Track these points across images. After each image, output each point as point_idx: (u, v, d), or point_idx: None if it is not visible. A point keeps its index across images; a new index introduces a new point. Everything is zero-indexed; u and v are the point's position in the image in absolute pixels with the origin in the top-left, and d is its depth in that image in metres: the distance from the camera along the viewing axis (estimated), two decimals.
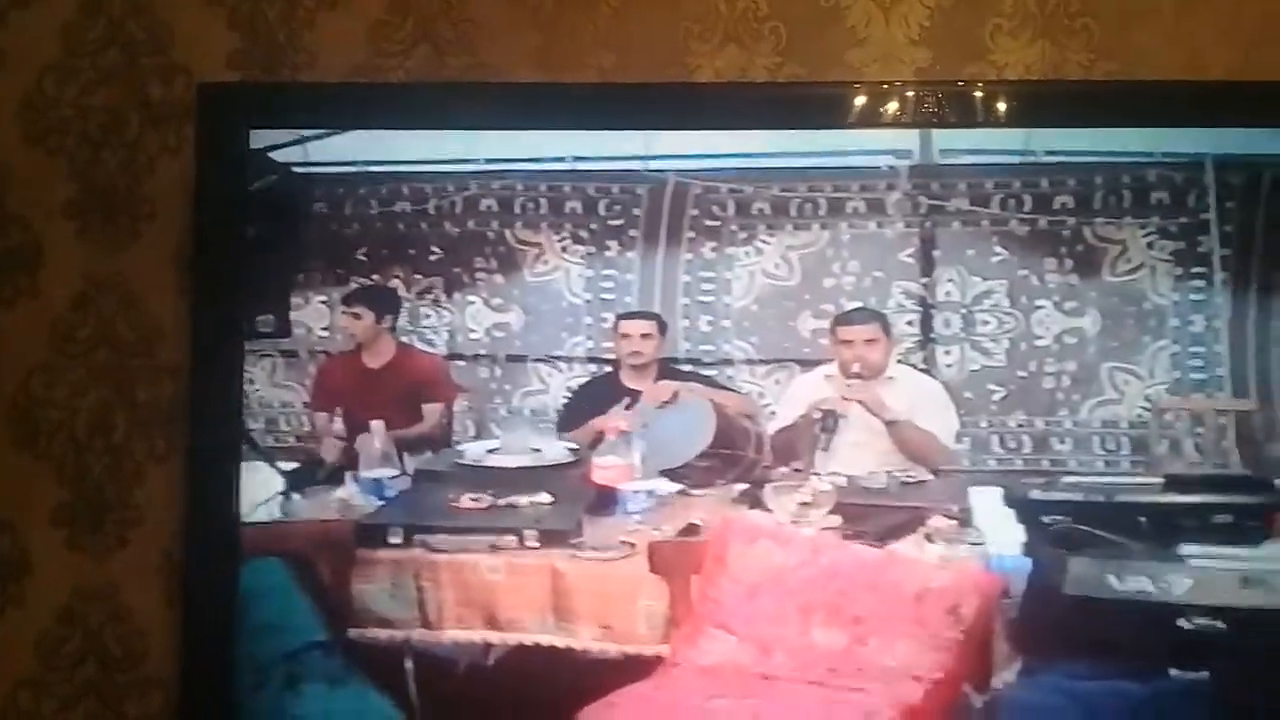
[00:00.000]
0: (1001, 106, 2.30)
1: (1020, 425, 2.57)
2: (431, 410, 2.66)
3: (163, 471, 2.46)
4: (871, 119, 2.31)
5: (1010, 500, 2.46)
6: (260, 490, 2.50)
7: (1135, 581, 2.32)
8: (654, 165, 2.56)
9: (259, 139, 2.37)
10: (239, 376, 2.39)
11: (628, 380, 2.67)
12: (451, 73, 2.44)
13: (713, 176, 2.57)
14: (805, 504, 2.43)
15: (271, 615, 2.41)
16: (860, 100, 2.31)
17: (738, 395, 2.64)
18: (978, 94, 2.30)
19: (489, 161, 2.57)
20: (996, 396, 2.57)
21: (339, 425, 2.59)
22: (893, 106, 2.29)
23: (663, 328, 2.63)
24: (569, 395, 2.68)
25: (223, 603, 2.35)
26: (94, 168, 2.47)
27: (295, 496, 2.51)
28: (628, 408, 2.62)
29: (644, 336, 2.64)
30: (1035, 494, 2.46)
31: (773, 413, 2.62)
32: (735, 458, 2.60)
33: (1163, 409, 2.51)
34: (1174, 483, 2.44)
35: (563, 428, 2.67)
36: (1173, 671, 2.30)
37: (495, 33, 2.43)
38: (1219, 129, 2.38)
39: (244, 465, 2.45)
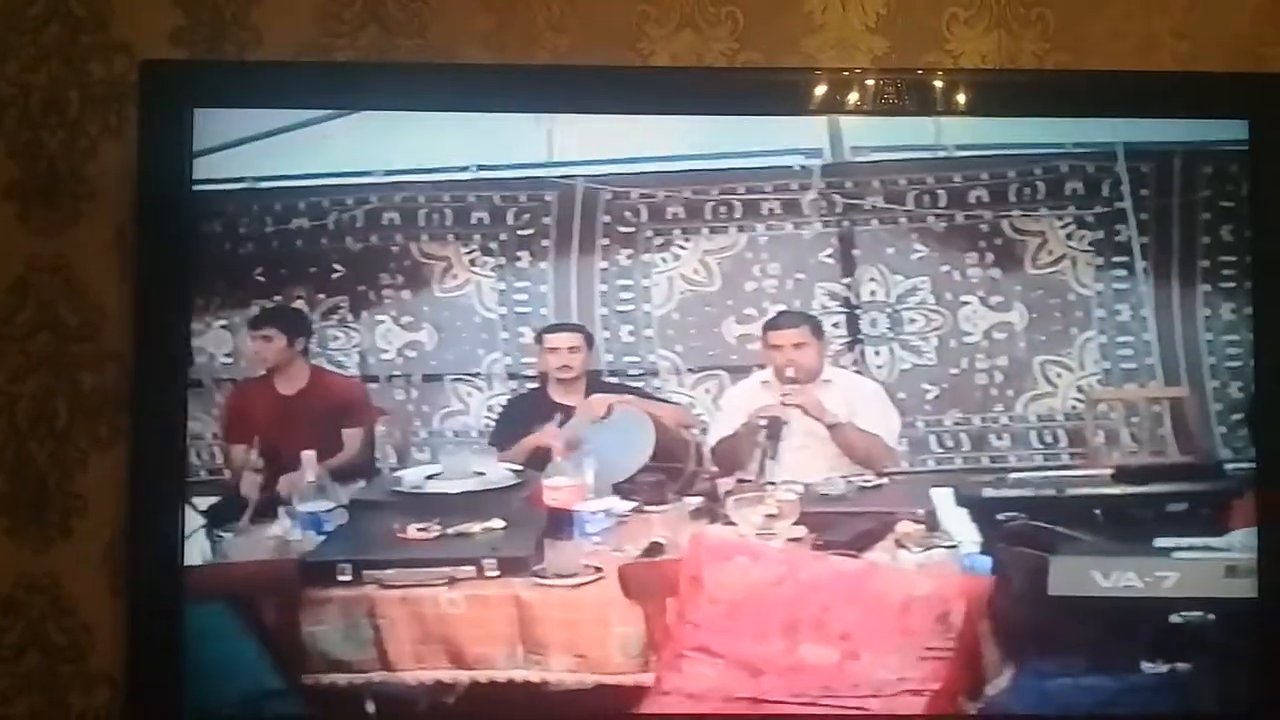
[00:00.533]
0: (959, 96, 2.33)
1: (957, 423, 2.57)
2: (352, 435, 2.56)
3: (107, 459, 2.41)
4: (828, 106, 2.34)
5: (961, 500, 2.45)
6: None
7: (1122, 577, 2.29)
8: (559, 171, 2.50)
9: (206, 120, 2.32)
10: (185, 361, 2.35)
11: (557, 395, 2.60)
12: (402, 54, 2.43)
13: (622, 181, 2.51)
14: (771, 515, 2.39)
15: (218, 662, 2.32)
16: (815, 88, 2.33)
17: (672, 406, 2.60)
18: (938, 83, 2.33)
19: (388, 173, 2.50)
20: (930, 395, 2.55)
21: (255, 456, 2.49)
22: (851, 95, 2.31)
23: (589, 340, 2.58)
24: (497, 413, 2.60)
25: (168, 594, 2.29)
26: (34, 148, 2.42)
27: (226, 535, 2.42)
28: (562, 424, 2.56)
29: (571, 350, 2.58)
30: (987, 492, 2.44)
31: (705, 422, 2.58)
32: (676, 470, 2.56)
33: (1096, 400, 2.51)
34: (1123, 474, 2.43)
35: (495, 447, 2.59)
36: (1145, 665, 2.30)
37: (447, 14, 2.43)
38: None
39: None
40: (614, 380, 2.60)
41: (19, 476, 2.42)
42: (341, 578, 2.35)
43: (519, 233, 2.52)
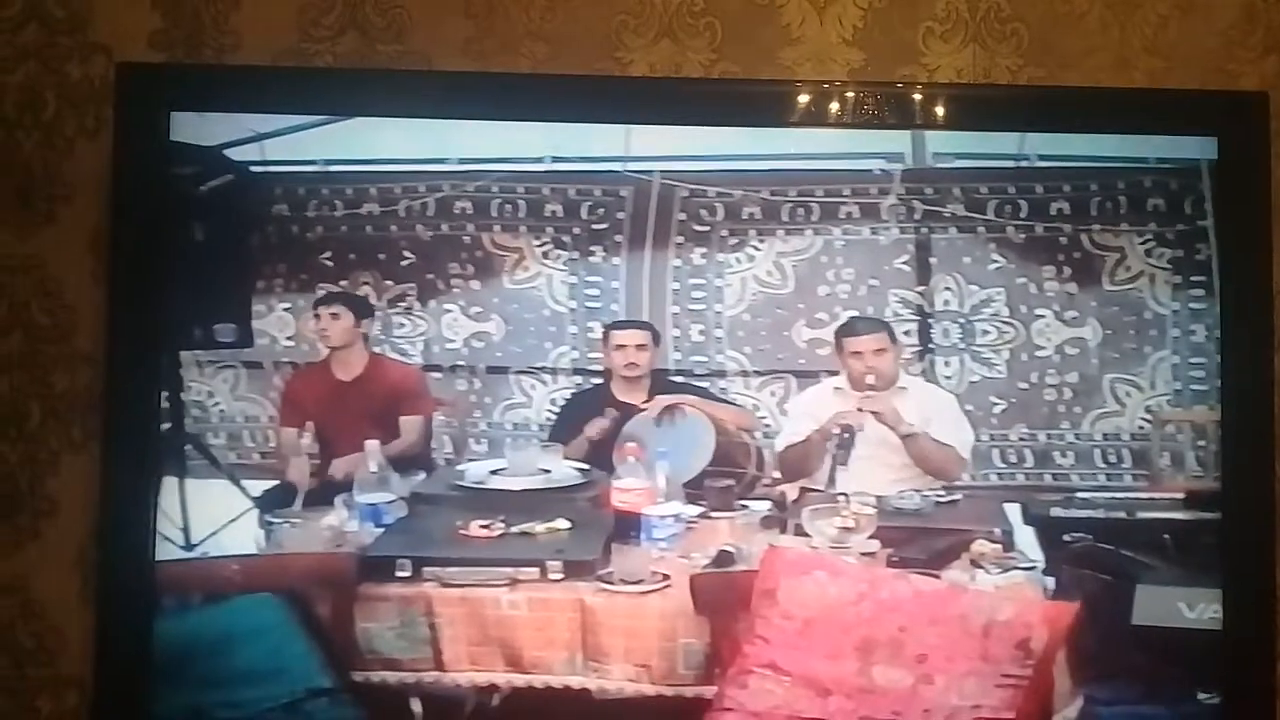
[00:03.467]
0: (938, 110, 2.33)
1: (1022, 438, 2.54)
2: (410, 424, 2.53)
3: (79, 461, 2.38)
4: (809, 118, 2.31)
5: (1029, 517, 2.43)
6: (221, 511, 2.39)
7: (1208, 610, 2.28)
8: (636, 166, 2.48)
9: (183, 124, 2.28)
10: (158, 365, 2.31)
11: (619, 393, 2.58)
12: (381, 59, 2.41)
13: (699, 179, 2.49)
14: (846, 528, 2.36)
15: (262, 659, 2.27)
16: (799, 99, 2.32)
17: (735, 409, 2.57)
18: (925, 96, 2.33)
19: (462, 161, 2.47)
20: (998, 409, 2.53)
21: (308, 441, 2.47)
22: (832, 106, 2.30)
23: (656, 338, 2.55)
24: (557, 408, 2.58)
25: (139, 600, 2.24)
26: (10, 148, 2.39)
27: (282, 524, 2.38)
28: (623, 422, 2.52)
29: (639, 347, 2.55)
30: (1055, 511, 2.43)
31: (768, 426, 2.56)
32: (737, 475, 2.53)
33: (1165, 420, 2.48)
34: (1194, 499, 2.39)
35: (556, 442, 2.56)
36: (1200, 694, 2.28)
37: (426, 21, 2.41)
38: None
39: (201, 483, 2.35)
40: (679, 380, 2.58)
41: None
42: (401, 574, 2.31)
43: (593, 227, 2.50)
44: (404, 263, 2.47)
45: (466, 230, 2.49)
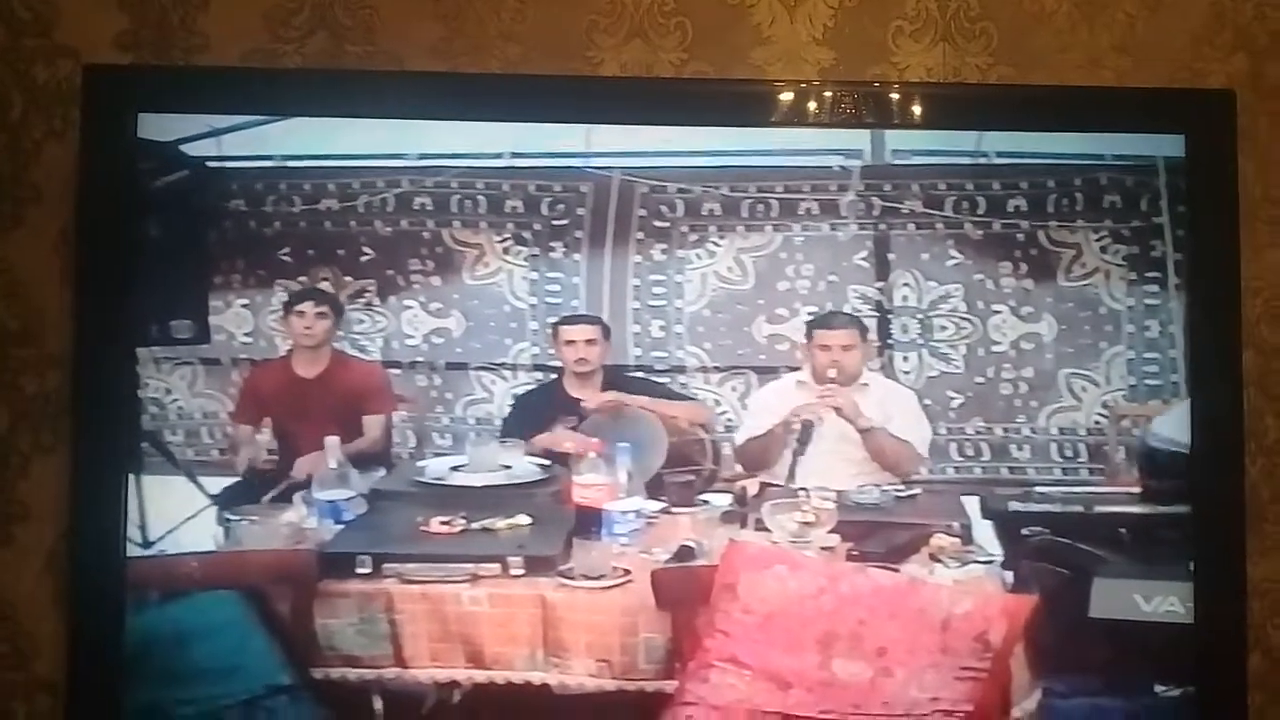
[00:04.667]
0: (912, 109, 2.34)
1: (978, 431, 2.55)
2: (373, 423, 2.52)
3: (49, 465, 2.36)
4: (785, 118, 2.33)
5: (987, 511, 2.44)
6: (178, 508, 2.37)
7: (1164, 603, 2.29)
8: (596, 162, 2.47)
9: (151, 126, 2.28)
10: (127, 367, 2.31)
11: (572, 389, 2.57)
12: (350, 60, 2.40)
13: (659, 175, 2.49)
14: (807, 523, 2.36)
15: (222, 657, 2.26)
16: (772, 98, 2.33)
17: (688, 403, 2.57)
18: (894, 95, 2.35)
19: (421, 156, 2.46)
20: (955, 403, 2.54)
21: (265, 438, 2.47)
22: (810, 105, 2.32)
23: (606, 332, 2.53)
24: (511, 404, 2.57)
25: (112, 603, 2.25)
26: None
27: (240, 521, 2.36)
28: (578, 421, 2.52)
29: (589, 342, 2.54)
30: (1013, 505, 2.44)
31: (730, 420, 2.56)
32: (694, 473, 2.53)
33: (1120, 415, 2.50)
34: (1150, 493, 2.41)
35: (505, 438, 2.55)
36: (1158, 687, 2.30)
37: (396, 21, 2.40)
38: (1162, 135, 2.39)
39: (158, 480, 2.34)
40: (638, 375, 2.57)
41: None
42: (361, 570, 2.30)
43: (553, 223, 2.48)
44: (363, 258, 2.46)
45: (426, 226, 2.48)
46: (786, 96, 2.32)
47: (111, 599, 2.24)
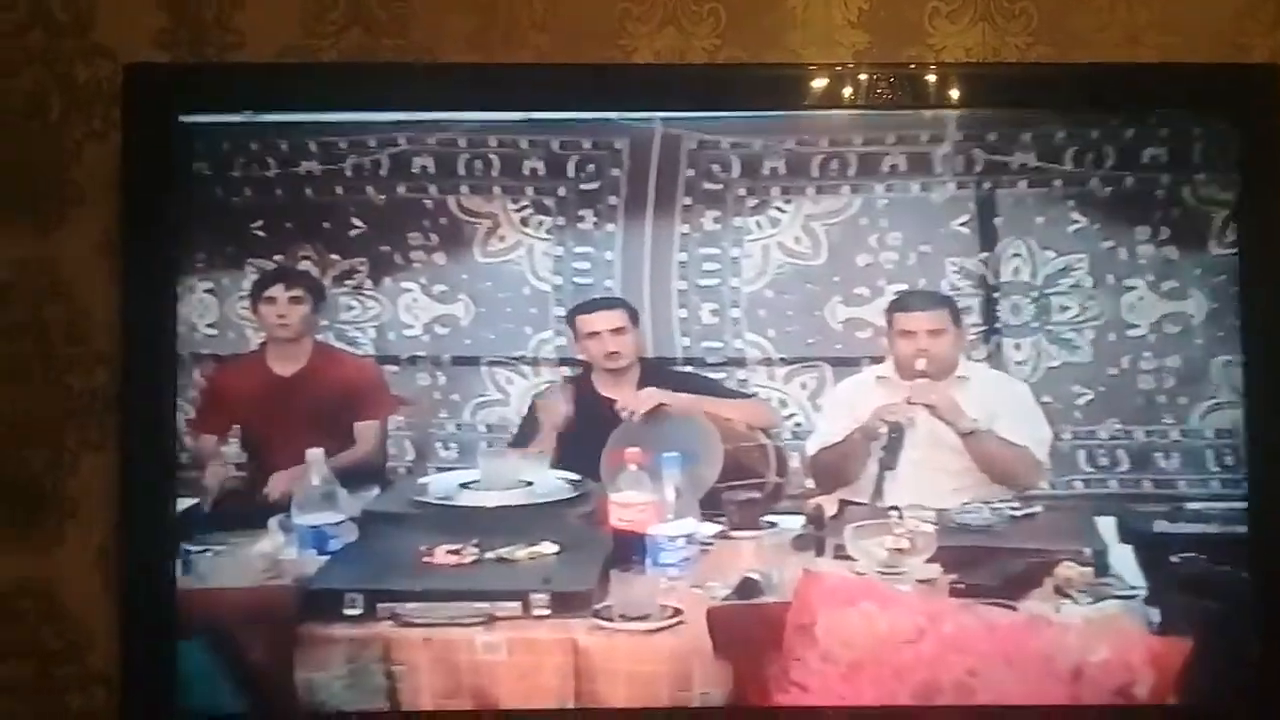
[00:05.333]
0: (952, 91, 2.25)
1: (1114, 436, 2.30)
2: (365, 430, 2.33)
3: (98, 461, 2.38)
4: (820, 102, 2.23)
5: (1126, 534, 2.22)
6: None
7: None
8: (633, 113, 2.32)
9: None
10: (173, 363, 2.22)
11: (603, 387, 2.37)
12: (385, 54, 2.41)
13: (710, 127, 2.30)
14: (899, 550, 2.16)
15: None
16: (808, 82, 2.24)
17: (746, 403, 2.35)
18: (930, 77, 2.27)
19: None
20: (1082, 401, 2.29)
21: (233, 450, 2.30)
22: (845, 90, 2.24)
23: (634, 317, 2.35)
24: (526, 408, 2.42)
25: (163, 595, 2.18)
26: (18, 151, 2.43)
27: (201, 553, 2.19)
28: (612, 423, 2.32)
29: (615, 332, 2.35)
30: (1160, 525, 2.21)
31: (798, 424, 2.34)
32: (755, 486, 2.31)
33: None
34: None
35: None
36: None
37: (429, 14, 2.43)
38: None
39: None
40: (686, 370, 2.36)
41: (11, 482, 2.40)
42: (350, 611, 2.12)
43: (581, 187, 2.29)
44: (352, 233, 2.29)
45: (428, 193, 2.31)
46: (821, 81, 2.26)
47: (163, 591, 2.17)
